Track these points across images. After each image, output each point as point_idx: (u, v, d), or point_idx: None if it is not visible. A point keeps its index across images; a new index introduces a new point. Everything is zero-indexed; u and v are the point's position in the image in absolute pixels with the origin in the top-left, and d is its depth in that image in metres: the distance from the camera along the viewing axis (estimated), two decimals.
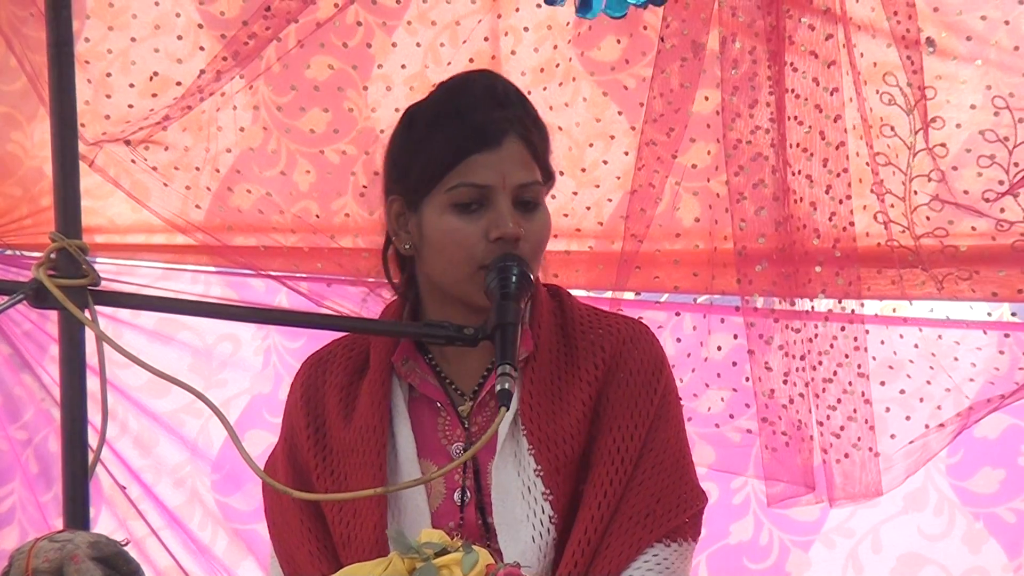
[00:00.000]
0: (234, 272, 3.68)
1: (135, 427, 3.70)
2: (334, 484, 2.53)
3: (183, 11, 3.51)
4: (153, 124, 3.49)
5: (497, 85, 2.56)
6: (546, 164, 2.55)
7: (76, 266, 2.40)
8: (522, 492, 2.46)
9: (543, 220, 2.52)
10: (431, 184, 2.49)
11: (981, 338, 3.38)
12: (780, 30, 3.25)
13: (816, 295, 3.31)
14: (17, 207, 3.65)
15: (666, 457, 2.49)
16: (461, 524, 2.49)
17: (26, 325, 3.67)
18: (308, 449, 2.57)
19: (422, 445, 2.53)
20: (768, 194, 3.30)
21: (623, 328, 2.56)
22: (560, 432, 2.47)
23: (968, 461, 3.46)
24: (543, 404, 2.48)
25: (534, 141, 2.52)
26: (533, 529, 2.45)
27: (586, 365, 2.51)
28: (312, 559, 2.52)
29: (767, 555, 3.54)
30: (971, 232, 3.29)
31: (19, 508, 3.70)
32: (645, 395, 2.51)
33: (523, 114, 2.53)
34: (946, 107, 3.26)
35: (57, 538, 2.14)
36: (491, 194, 2.47)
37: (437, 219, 2.49)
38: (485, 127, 2.48)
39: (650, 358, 2.54)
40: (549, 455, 2.46)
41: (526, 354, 2.51)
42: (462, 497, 2.50)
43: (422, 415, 2.56)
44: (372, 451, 2.50)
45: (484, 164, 2.47)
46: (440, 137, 2.49)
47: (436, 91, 2.61)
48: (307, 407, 2.60)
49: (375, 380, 2.55)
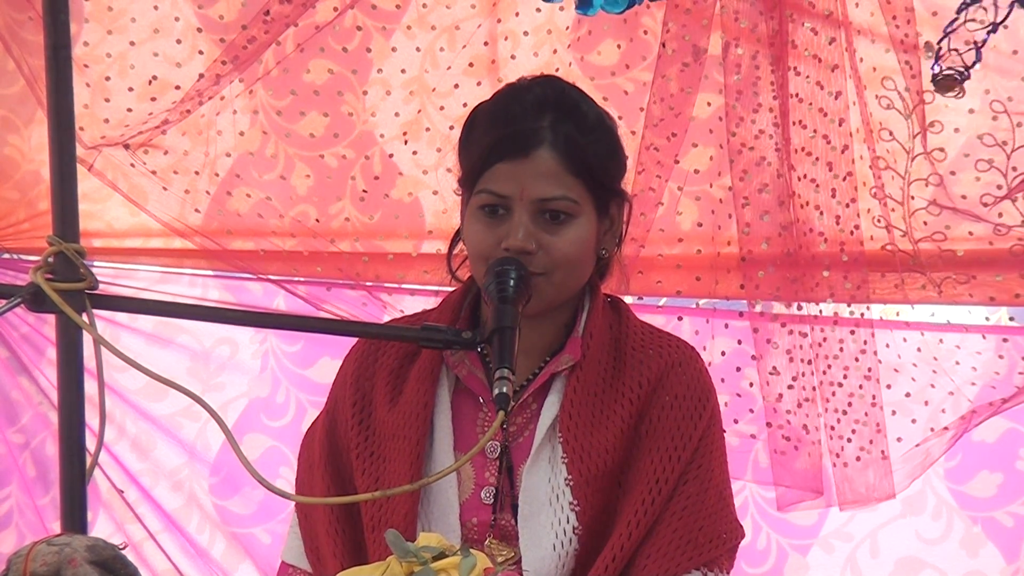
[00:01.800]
0: (232, 275, 3.68)
1: (133, 430, 3.70)
2: (373, 465, 2.53)
3: (182, 15, 3.51)
4: (152, 128, 3.49)
5: (550, 93, 2.52)
6: (593, 175, 2.49)
7: (74, 270, 2.39)
8: (550, 499, 2.46)
9: (570, 237, 2.48)
10: (471, 183, 2.51)
11: (980, 342, 3.38)
12: (783, 34, 3.25)
13: (824, 299, 3.31)
14: (15, 211, 3.64)
15: (711, 487, 2.49)
16: (492, 524, 2.49)
17: (23, 328, 3.67)
18: (351, 427, 2.57)
19: (459, 438, 2.53)
20: (772, 199, 3.30)
21: (674, 350, 2.55)
22: (596, 445, 2.46)
23: (966, 465, 3.47)
24: (583, 414, 2.48)
25: (576, 152, 2.47)
26: (555, 537, 2.45)
27: (631, 382, 2.51)
28: (337, 555, 2.52)
29: (765, 559, 3.54)
30: (969, 236, 3.29)
31: (16, 512, 3.70)
32: (690, 420, 2.50)
33: (572, 126, 2.48)
34: (944, 111, 3.26)
35: (55, 542, 2.14)
36: (511, 204, 2.47)
37: (469, 218, 2.52)
38: (516, 136, 2.46)
39: (698, 384, 2.53)
40: (581, 466, 2.45)
41: (573, 362, 2.51)
42: (491, 495, 2.50)
43: (464, 407, 2.56)
44: (412, 438, 2.50)
45: (506, 173, 2.46)
46: (481, 140, 2.50)
47: (500, 91, 2.61)
48: (356, 384, 2.60)
49: (424, 367, 2.55)
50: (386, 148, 3.54)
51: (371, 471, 2.53)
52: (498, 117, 2.51)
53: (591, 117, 2.53)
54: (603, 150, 2.53)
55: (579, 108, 2.53)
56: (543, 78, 2.60)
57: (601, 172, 2.52)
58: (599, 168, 2.51)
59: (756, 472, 3.40)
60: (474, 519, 2.50)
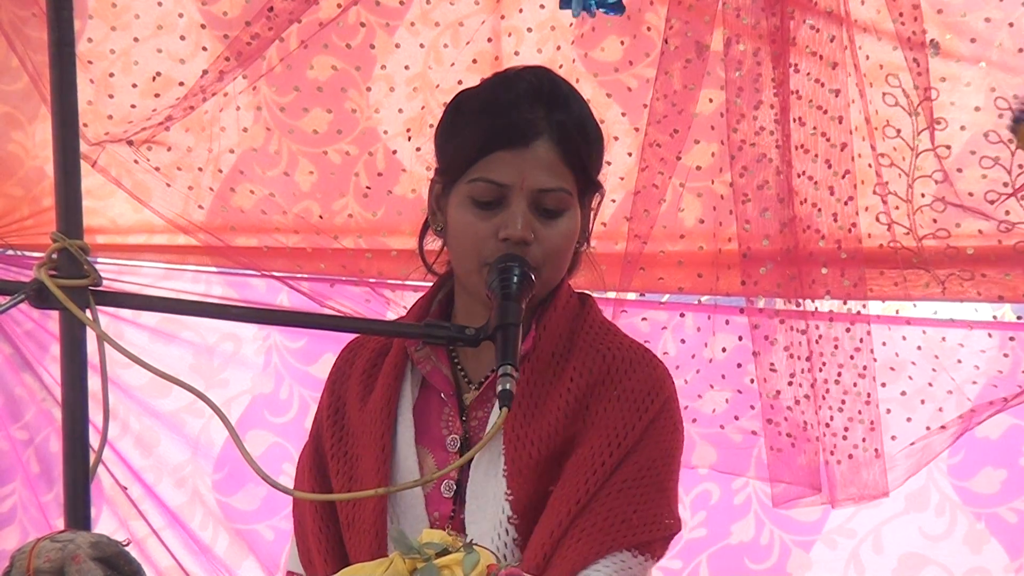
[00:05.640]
0: (235, 272, 3.68)
1: (136, 427, 3.70)
2: (346, 465, 2.53)
3: (185, 11, 3.51)
4: (156, 124, 3.49)
5: (544, 84, 2.51)
6: (585, 172, 2.50)
7: (77, 266, 2.39)
8: (492, 492, 2.46)
9: (562, 229, 2.48)
10: (459, 172, 2.48)
11: (985, 340, 3.38)
12: (784, 31, 3.25)
13: (821, 296, 3.31)
14: (19, 207, 3.65)
15: (650, 472, 2.46)
16: (451, 516, 2.49)
17: (27, 325, 3.67)
18: (327, 430, 2.58)
19: (422, 432, 2.53)
20: (772, 195, 3.29)
21: (626, 351, 2.53)
22: (531, 434, 2.45)
23: (970, 461, 3.47)
24: (524, 405, 2.46)
25: (572, 147, 2.47)
26: (493, 529, 2.44)
27: (572, 372, 2.49)
28: (320, 551, 2.53)
29: (768, 555, 3.54)
30: (975, 234, 3.29)
31: (20, 508, 3.71)
32: (635, 412, 2.47)
33: (566, 118, 2.48)
34: (949, 109, 3.26)
35: (58, 538, 2.14)
36: (508, 193, 2.45)
37: (457, 208, 2.49)
38: (516, 125, 2.45)
39: (650, 381, 2.50)
40: (515, 455, 2.44)
41: (523, 352, 2.49)
42: (451, 488, 2.50)
43: (427, 403, 2.56)
44: (377, 433, 2.51)
45: (507, 162, 2.45)
46: (474, 128, 2.47)
47: (487, 80, 2.59)
48: (332, 388, 2.62)
49: (391, 364, 2.55)
50: (389, 144, 3.54)
51: (344, 471, 2.53)
52: (491, 105, 2.48)
53: (582, 110, 2.53)
54: (594, 143, 2.53)
55: (570, 100, 2.52)
56: (533, 68, 2.58)
57: (591, 165, 2.52)
58: (589, 161, 2.52)
59: (759, 468, 3.40)
60: (436, 512, 2.50)
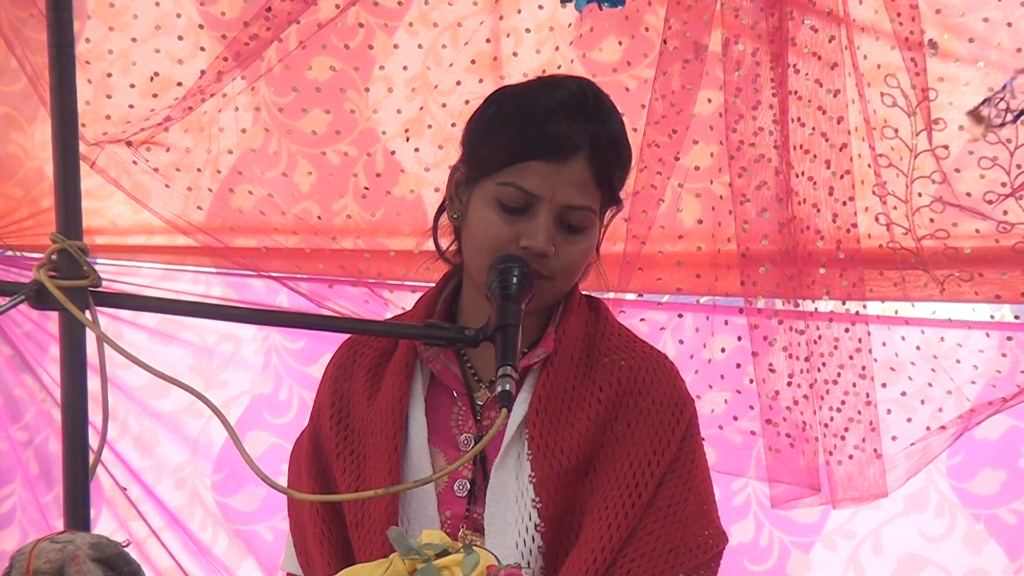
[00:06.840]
0: (234, 273, 3.68)
1: (136, 428, 3.70)
2: (354, 464, 2.53)
3: (184, 12, 3.51)
4: (154, 125, 3.49)
5: (588, 98, 2.50)
6: (611, 190, 2.51)
7: (77, 267, 2.39)
8: (516, 496, 2.46)
9: (582, 246, 2.49)
10: (489, 171, 2.47)
11: (984, 340, 3.38)
12: (783, 32, 3.25)
13: (820, 297, 3.31)
14: (18, 208, 3.65)
15: (691, 494, 2.48)
16: (466, 516, 2.49)
17: (27, 326, 3.67)
18: (330, 429, 2.57)
19: (433, 431, 2.53)
20: (771, 196, 3.30)
21: (650, 359, 2.55)
22: (560, 442, 2.46)
23: (969, 462, 3.47)
24: (551, 411, 2.47)
25: (605, 168, 2.47)
26: (519, 535, 2.45)
27: (601, 381, 2.50)
28: (322, 552, 2.53)
29: (768, 556, 3.54)
30: (974, 234, 3.29)
31: (20, 509, 3.70)
32: (667, 426, 2.49)
33: (602, 133, 2.47)
34: (948, 109, 3.26)
35: (58, 539, 2.14)
36: (536, 204, 2.45)
37: (481, 206, 2.48)
38: (555, 138, 2.44)
39: (676, 392, 2.53)
40: (544, 463, 2.45)
41: (545, 355, 2.51)
42: (464, 488, 2.50)
43: (438, 401, 2.56)
44: (388, 433, 2.51)
45: (541, 173, 2.44)
46: (512, 131, 2.47)
47: (530, 82, 2.58)
48: (334, 386, 2.61)
49: (399, 362, 2.55)
50: (388, 145, 3.54)
51: (352, 469, 2.53)
52: (531, 110, 2.48)
53: (619, 128, 2.53)
54: (626, 163, 2.54)
55: (608, 115, 2.52)
56: (576, 79, 2.57)
57: (618, 184, 2.53)
58: (617, 180, 2.53)
59: (758, 469, 3.40)
60: (448, 512, 2.50)
